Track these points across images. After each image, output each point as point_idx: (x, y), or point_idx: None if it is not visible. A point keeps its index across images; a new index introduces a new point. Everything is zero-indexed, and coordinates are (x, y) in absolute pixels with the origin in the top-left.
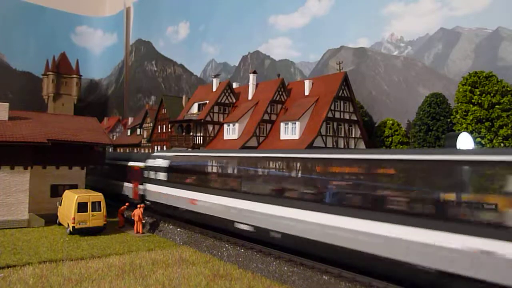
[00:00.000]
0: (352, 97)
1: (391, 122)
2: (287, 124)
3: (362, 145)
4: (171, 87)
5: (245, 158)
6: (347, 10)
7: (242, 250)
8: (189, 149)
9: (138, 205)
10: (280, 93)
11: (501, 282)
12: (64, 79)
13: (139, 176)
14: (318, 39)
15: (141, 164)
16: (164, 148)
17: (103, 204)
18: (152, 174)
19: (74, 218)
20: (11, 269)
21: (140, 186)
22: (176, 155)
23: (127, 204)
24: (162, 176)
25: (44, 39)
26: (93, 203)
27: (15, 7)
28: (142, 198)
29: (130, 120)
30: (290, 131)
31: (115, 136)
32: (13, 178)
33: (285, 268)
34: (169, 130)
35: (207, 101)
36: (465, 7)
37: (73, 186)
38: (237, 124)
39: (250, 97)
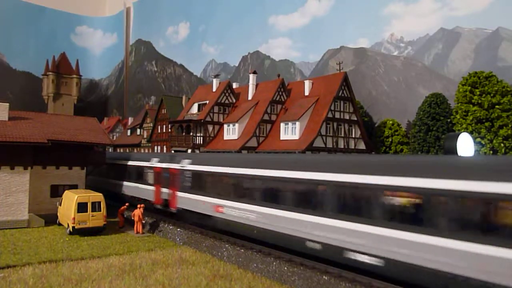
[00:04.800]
0: (352, 97)
1: (391, 122)
2: (287, 124)
3: (362, 145)
4: (171, 87)
5: None
6: (347, 10)
7: (242, 250)
8: None
9: (138, 205)
10: (280, 93)
11: None
12: (64, 79)
13: None
14: (318, 39)
15: None
16: (165, 149)
17: (103, 204)
18: None
19: (74, 218)
20: (11, 269)
21: None
22: None
23: (127, 204)
24: None
25: (44, 39)
26: (93, 203)
27: (15, 7)
28: None
29: (130, 120)
30: (290, 131)
31: (115, 136)
32: (13, 178)
33: (285, 268)
34: (169, 130)
35: (207, 101)
36: (465, 7)
37: (73, 186)
38: (237, 124)
39: (250, 97)
